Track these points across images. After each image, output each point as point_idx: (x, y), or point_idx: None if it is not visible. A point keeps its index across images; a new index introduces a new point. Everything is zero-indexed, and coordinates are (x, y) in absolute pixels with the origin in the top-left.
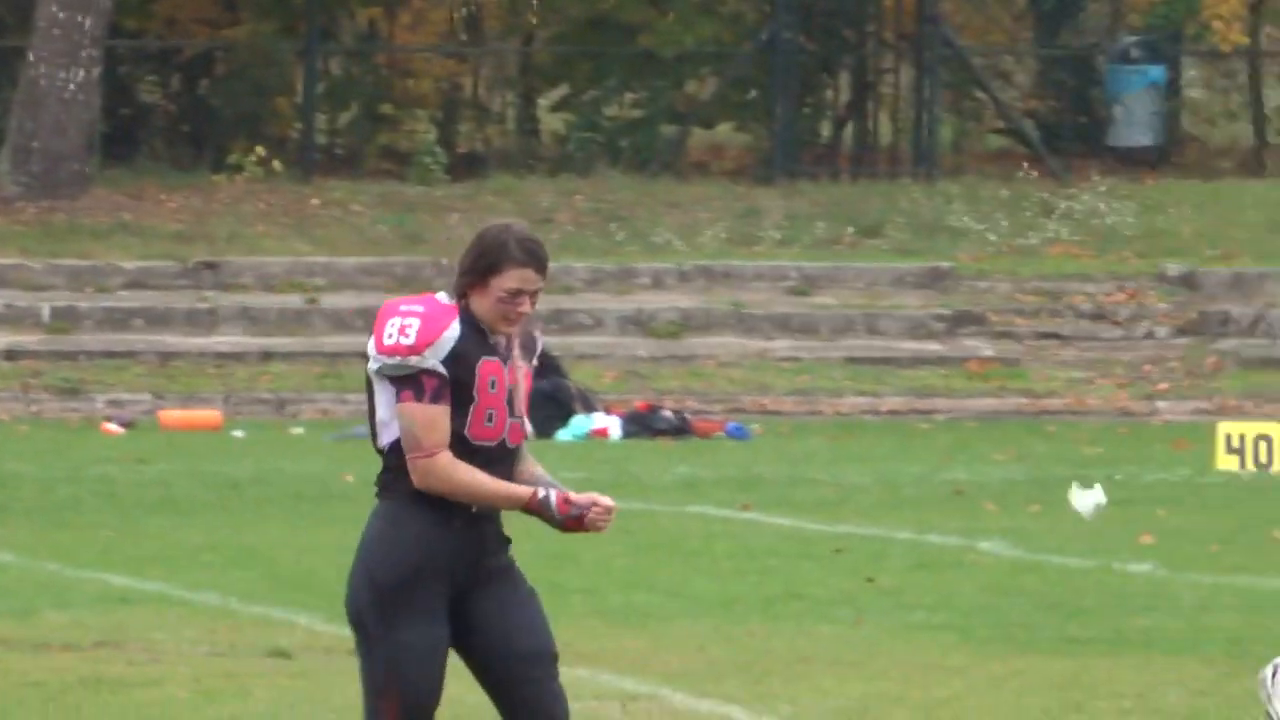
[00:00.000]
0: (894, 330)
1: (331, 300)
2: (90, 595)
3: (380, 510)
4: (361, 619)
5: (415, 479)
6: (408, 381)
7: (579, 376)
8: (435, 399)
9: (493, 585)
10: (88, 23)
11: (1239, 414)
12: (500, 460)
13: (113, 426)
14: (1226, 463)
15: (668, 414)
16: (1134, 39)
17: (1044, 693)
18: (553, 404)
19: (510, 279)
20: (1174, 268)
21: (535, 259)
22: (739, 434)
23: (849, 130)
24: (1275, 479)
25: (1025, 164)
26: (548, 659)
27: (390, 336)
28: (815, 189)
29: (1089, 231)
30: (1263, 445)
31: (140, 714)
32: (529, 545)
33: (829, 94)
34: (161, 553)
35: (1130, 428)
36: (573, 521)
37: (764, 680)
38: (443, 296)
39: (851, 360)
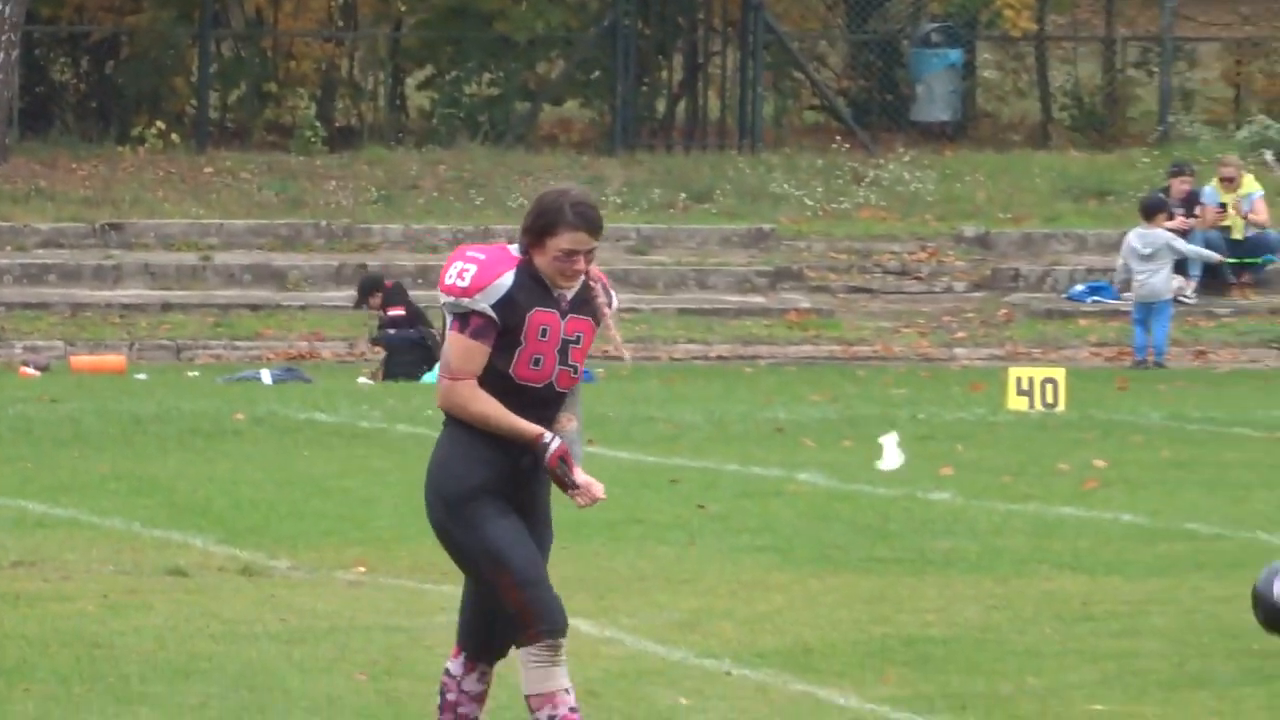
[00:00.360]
0: (721, 285)
1: (223, 258)
2: (9, 520)
3: (445, 435)
4: (445, 530)
5: (438, 398)
6: (460, 317)
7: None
8: (476, 335)
9: (527, 516)
10: (7, 9)
11: (1028, 360)
12: (547, 402)
13: (29, 370)
14: (1017, 403)
15: None
16: (934, 25)
17: (856, 607)
18: (420, 349)
19: (564, 240)
20: (969, 229)
21: (587, 222)
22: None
23: (682, 107)
24: (1060, 418)
25: (838, 137)
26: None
27: (450, 277)
28: (652, 159)
29: (894, 197)
30: (1049, 388)
31: (54, 625)
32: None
33: (664, 75)
34: (73, 482)
35: (931, 371)
36: (555, 477)
37: (607, 596)
38: (513, 248)
39: (684, 312)
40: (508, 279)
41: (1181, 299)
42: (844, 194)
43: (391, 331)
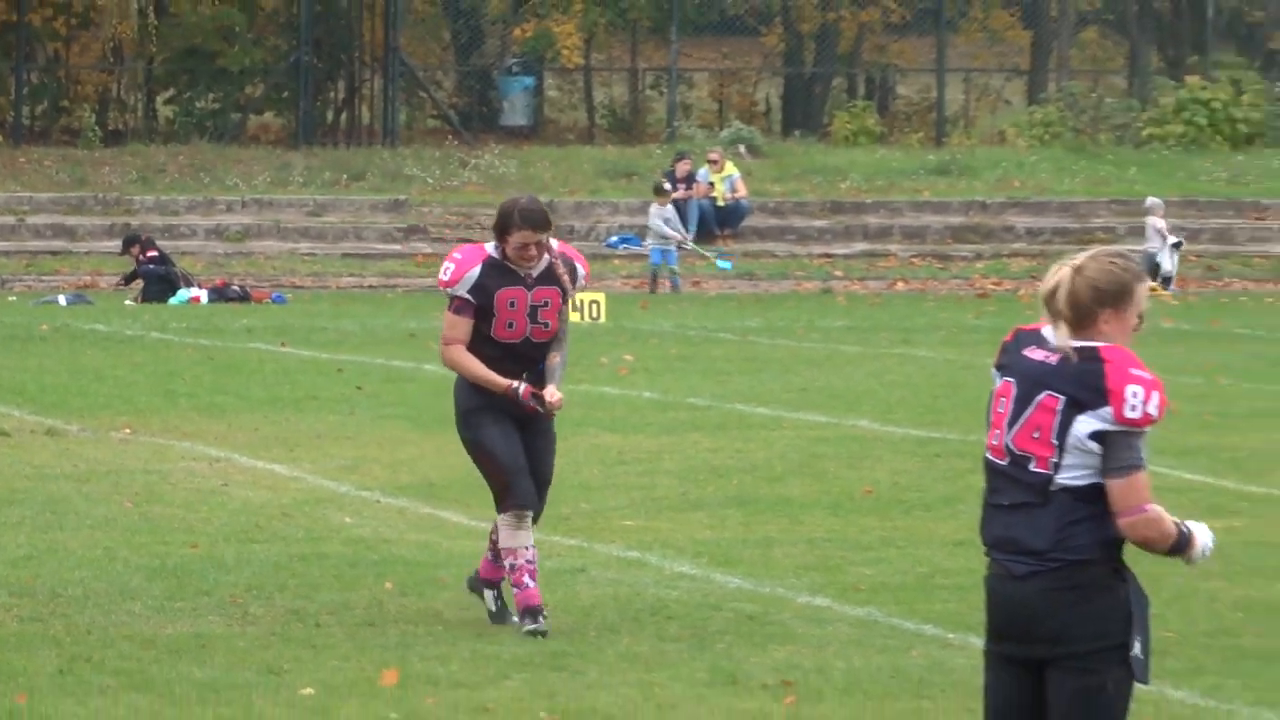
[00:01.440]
0: (371, 237)
1: (32, 219)
2: None
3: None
4: (460, 433)
5: (441, 358)
6: (451, 300)
7: (183, 265)
8: (458, 312)
9: (528, 426)
10: None
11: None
12: (526, 352)
13: None
14: (572, 317)
15: (236, 288)
16: (515, 60)
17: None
18: (165, 282)
19: (516, 237)
20: (541, 198)
21: (531, 222)
22: (279, 300)
23: (344, 116)
24: (602, 327)
25: (450, 137)
26: (541, 481)
27: (442, 274)
28: (323, 152)
29: (488, 178)
30: (594, 306)
31: None
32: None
33: (331, 94)
34: None
35: None
36: (529, 408)
37: (295, 448)
38: (489, 245)
39: (346, 255)
40: (476, 270)
41: (683, 246)
42: (454, 176)
43: (151, 267)
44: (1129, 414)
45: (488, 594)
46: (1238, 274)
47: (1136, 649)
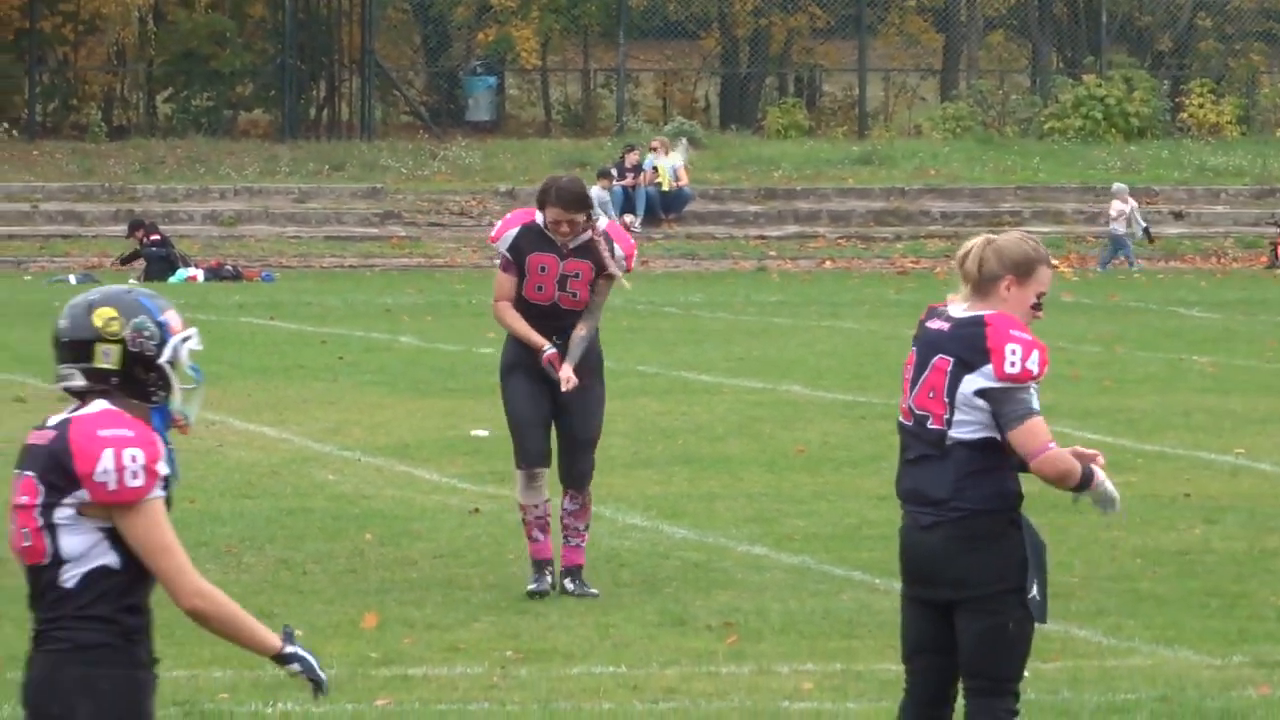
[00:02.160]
0: (351, 221)
1: (45, 206)
2: None
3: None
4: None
5: (493, 313)
6: (500, 258)
7: (181, 247)
8: (504, 270)
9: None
10: None
11: None
12: (554, 315)
13: None
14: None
15: (229, 267)
16: (479, 61)
17: (434, 418)
18: (165, 262)
19: (550, 212)
20: (503, 187)
21: (564, 200)
22: (268, 278)
23: (325, 113)
24: None
25: (421, 131)
26: (579, 441)
27: (492, 230)
28: (307, 145)
29: (456, 168)
30: None
31: None
32: None
33: (314, 93)
34: None
35: (480, 274)
36: (547, 373)
37: (284, 412)
38: (537, 214)
39: (329, 238)
40: (514, 232)
41: (632, 229)
42: (425, 166)
43: (153, 249)
44: (1009, 370)
45: (569, 582)
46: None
47: (1034, 591)
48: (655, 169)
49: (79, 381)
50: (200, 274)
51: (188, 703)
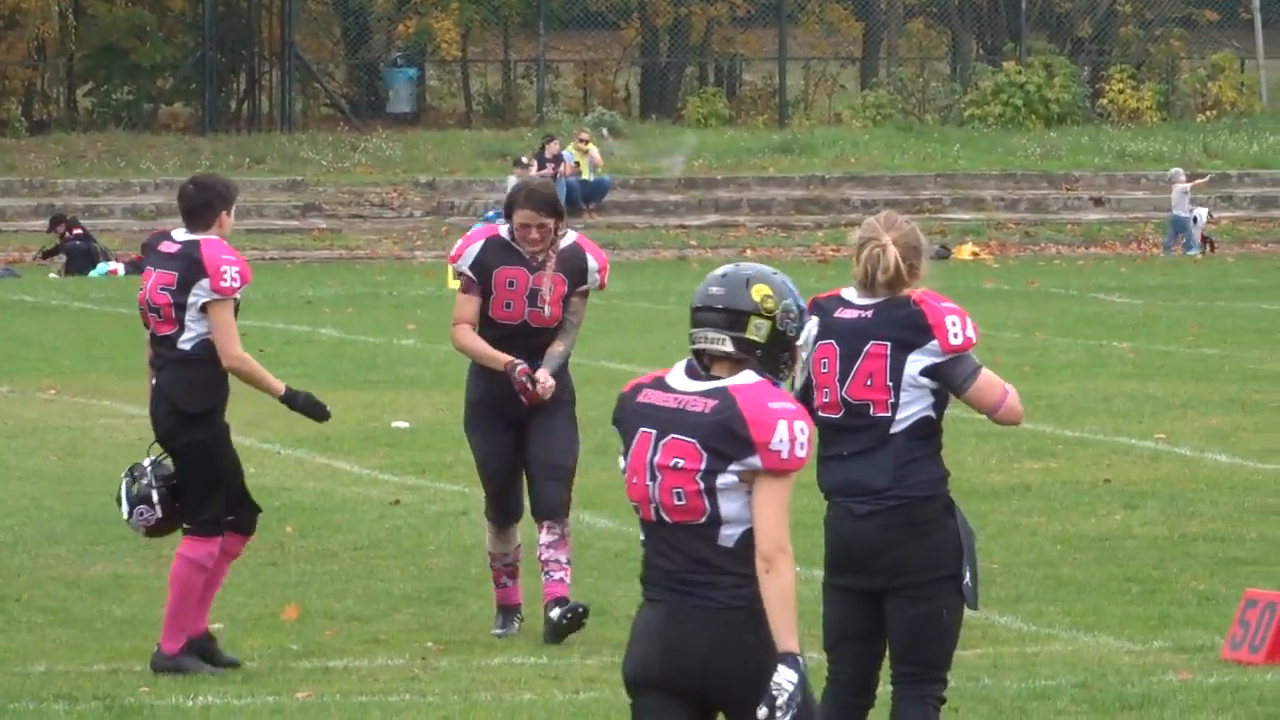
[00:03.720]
0: (272, 214)
1: None
2: None
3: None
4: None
5: (451, 340)
6: (458, 278)
7: (103, 241)
8: (465, 290)
9: (536, 416)
10: None
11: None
12: (524, 335)
13: None
14: (454, 284)
15: None
16: (399, 53)
17: (357, 410)
18: (86, 257)
19: (520, 217)
20: (423, 178)
21: (535, 203)
22: None
23: (246, 105)
24: None
25: (341, 124)
26: (549, 468)
27: (452, 250)
28: (228, 138)
29: (376, 160)
30: None
31: None
32: None
33: (234, 85)
34: None
35: (400, 266)
36: (520, 386)
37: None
38: (503, 227)
39: (250, 230)
40: (477, 247)
41: None
42: (346, 158)
43: (77, 245)
44: (953, 341)
45: (555, 611)
46: (1051, 239)
47: (967, 578)
48: (577, 163)
49: (727, 348)
50: (121, 268)
51: (108, 697)
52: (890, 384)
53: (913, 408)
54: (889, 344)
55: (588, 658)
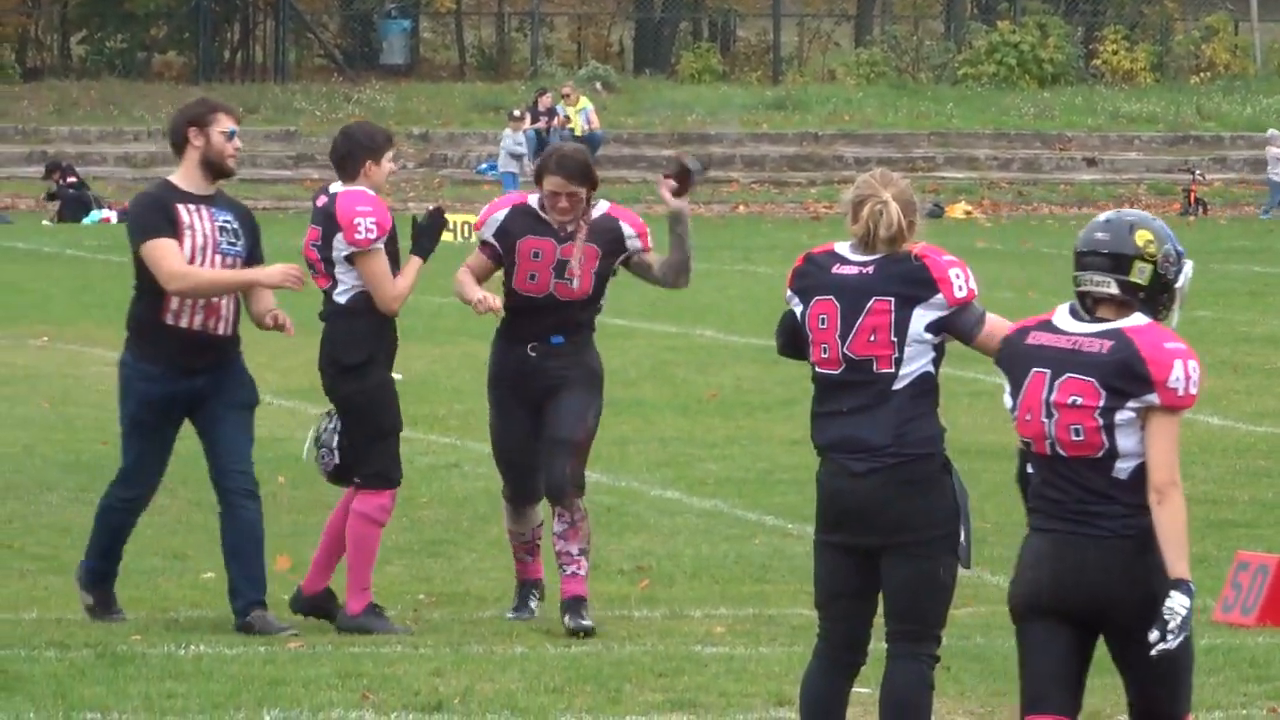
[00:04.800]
0: (265, 164)
1: None
2: None
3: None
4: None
5: None
6: (480, 245)
7: (96, 189)
8: (480, 250)
9: (554, 395)
10: None
11: (452, 209)
12: (551, 308)
13: None
14: (448, 236)
15: None
16: (393, 4)
17: None
18: (80, 202)
19: (549, 184)
20: (417, 130)
21: (565, 170)
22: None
23: (240, 55)
24: (473, 246)
25: (335, 75)
26: (560, 441)
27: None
28: (221, 87)
29: (371, 111)
30: (467, 228)
31: None
32: None
33: (229, 35)
34: None
35: (393, 216)
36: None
37: None
38: (533, 196)
39: (243, 180)
40: (501, 214)
41: None
42: (339, 109)
43: (71, 192)
44: (958, 294)
45: (568, 619)
46: (1044, 199)
47: (962, 537)
48: (567, 115)
49: (1112, 290)
50: (114, 216)
51: (100, 645)
52: (894, 339)
53: (915, 363)
54: (893, 299)
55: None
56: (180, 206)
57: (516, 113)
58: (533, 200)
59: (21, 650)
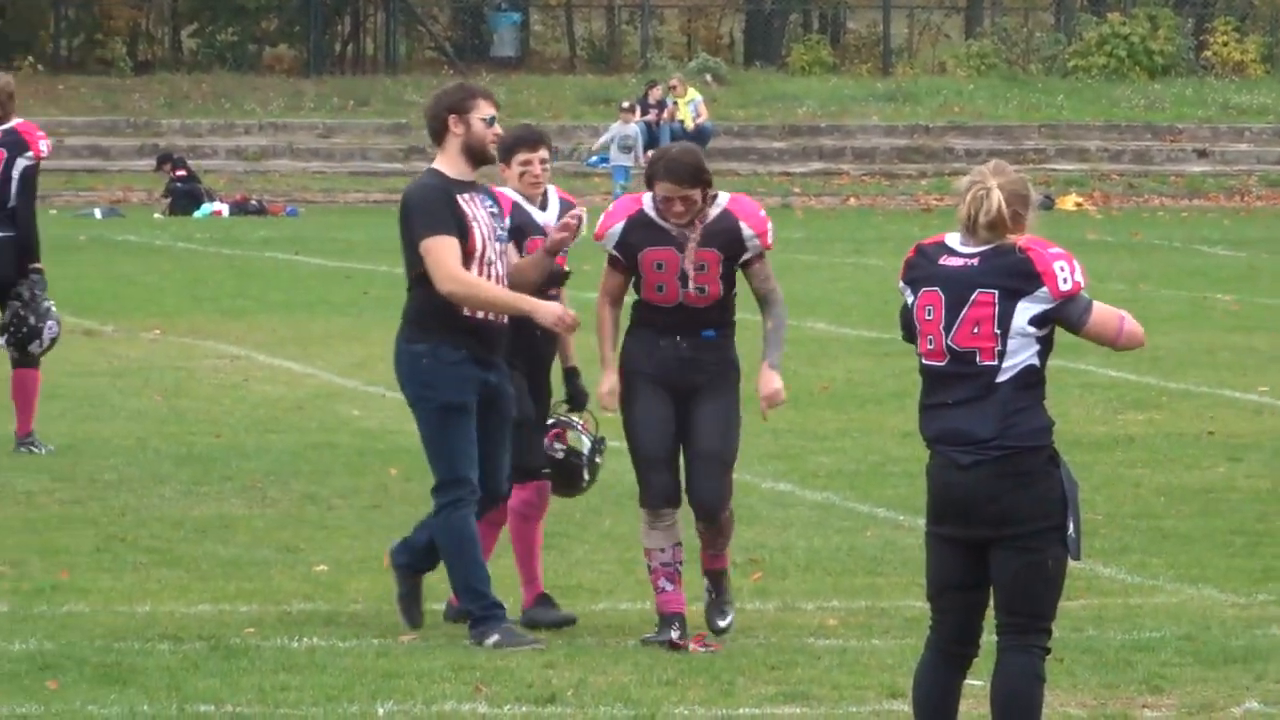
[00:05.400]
0: (376, 156)
1: (70, 140)
2: None
3: (628, 327)
4: (623, 402)
5: None
6: (610, 257)
7: (207, 182)
8: (609, 264)
9: (697, 397)
10: None
11: None
12: (683, 315)
13: None
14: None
15: (254, 202)
16: None
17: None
18: (190, 198)
19: (660, 189)
20: (530, 121)
21: (674, 175)
22: (292, 213)
23: (350, 48)
24: (585, 237)
25: (446, 67)
26: (706, 454)
27: (596, 228)
28: (333, 80)
29: None
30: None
31: None
32: None
33: (339, 28)
34: None
35: None
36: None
37: (308, 347)
38: (646, 197)
39: (353, 173)
40: (619, 227)
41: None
42: None
43: (180, 186)
44: (1063, 287)
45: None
46: (1155, 191)
47: (1071, 529)
48: (676, 104)
49: None
50: (225, 209)
51: (213, 637)
52: (997, 332)
53: (1019, 356)
54: (996, 292)
55: (691, 604)
56: (460, 198)
57: (625, 104)
58: (646, 203)
59: (135, 643)
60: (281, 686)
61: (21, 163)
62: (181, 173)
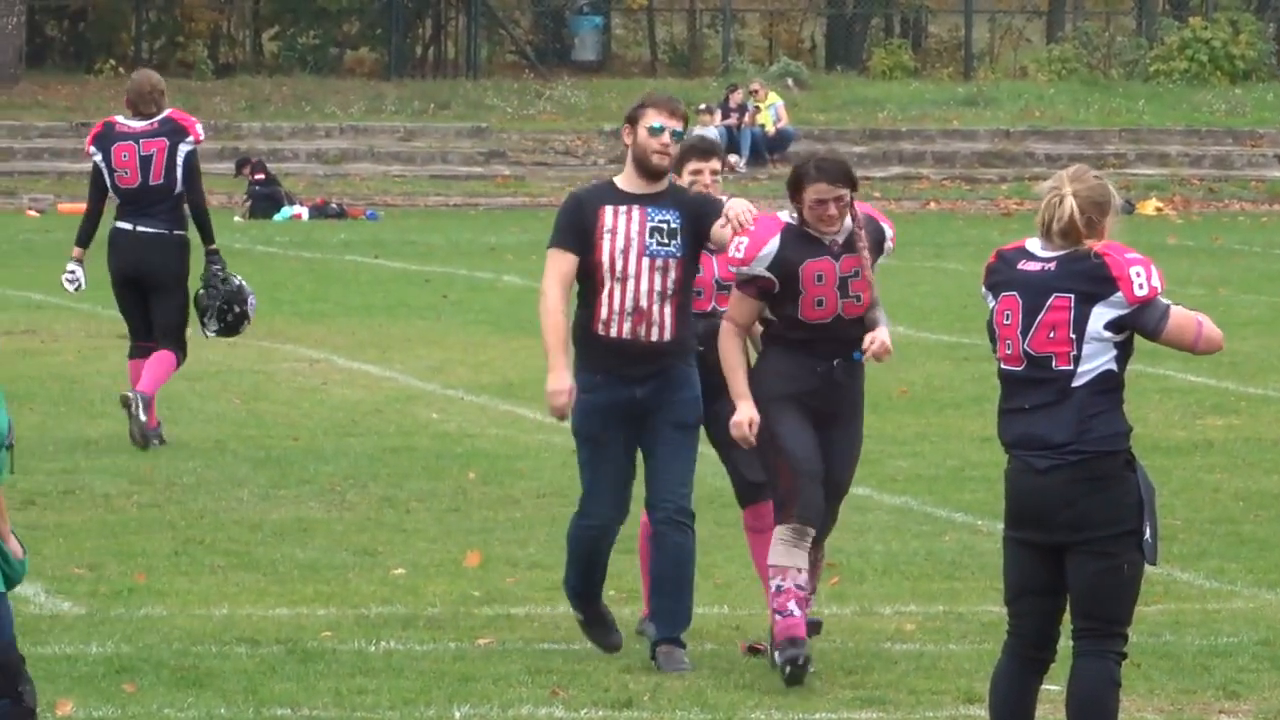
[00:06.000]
0: (456, 160)
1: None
2: (20, 303)
3: (762, 351)
4: (761, 430)
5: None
6: (742, 281)
7: (287, 185)
8: (739, 288)
9: (834, 423)
10: None
11: None
12: (838, 332)
13: (33, 212)
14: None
15: (334, 205)
16: (585, 1)
17: (542, 357)
18: (270, 201)
19: (811, 192)
20: (608, 127)
21: (827, 174)
22: (372, 217)
23: (431, 51)
24: None
25: (527, 71)
26: (835, 489)
27: (734, 249)
28: (413, 84)
29: (561, 108)
30: None
31: (45, 366)
32: None
33: (420, 31)
34: (51, 281)
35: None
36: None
37: (387, 351)
38: (782, 214)
39: (434, 177)
40: (774, 244)
41: (736, 169)
42: (530, 105)
43: (258, 189)
44: (1139, 293)
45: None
46: (1236, 196)
47: (1148, 534)
48: (757, 108)
49: None
50: (305, 212)
51: (290, 641)
52: (1073, 337)
53: (1095, 361)
54: (1072, 296)
55: (759, 608)
56: (608, 208)
57: (703, 106)
58: (784, 216)
59: (212, 646)
60: (358, 690)
61: (184, 148)
62: (261, 176)
